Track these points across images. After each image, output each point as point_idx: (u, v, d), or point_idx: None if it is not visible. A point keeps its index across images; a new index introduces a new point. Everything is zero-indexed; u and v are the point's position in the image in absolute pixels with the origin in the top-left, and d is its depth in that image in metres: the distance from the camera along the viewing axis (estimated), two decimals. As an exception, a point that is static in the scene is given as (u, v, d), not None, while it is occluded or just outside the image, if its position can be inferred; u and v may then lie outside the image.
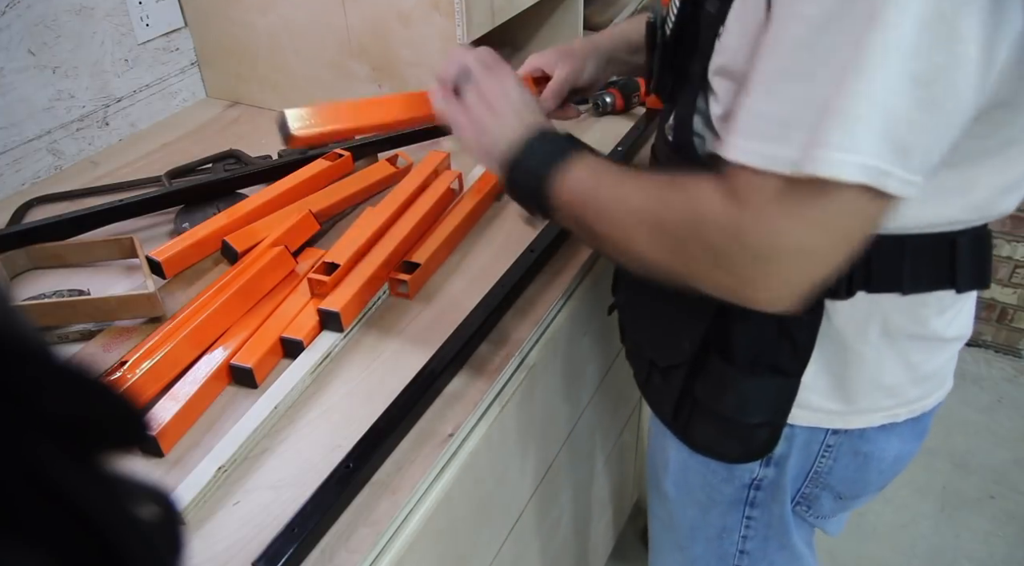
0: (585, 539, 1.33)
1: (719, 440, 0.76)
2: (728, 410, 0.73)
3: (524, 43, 1.53)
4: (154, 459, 0.72)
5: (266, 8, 1.21)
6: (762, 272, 0.54)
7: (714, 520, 0.90)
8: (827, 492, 0.84)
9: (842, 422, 0.76)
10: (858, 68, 0.48)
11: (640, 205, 0.61)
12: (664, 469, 0.92)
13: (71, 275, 0.95)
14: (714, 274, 0.57)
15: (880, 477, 0.83)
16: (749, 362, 0.70)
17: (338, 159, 1.08)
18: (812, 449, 0.79)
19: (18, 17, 1.06)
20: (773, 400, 0.72)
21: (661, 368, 0.79)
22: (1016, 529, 1.72)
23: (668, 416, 0.80)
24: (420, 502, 0.71)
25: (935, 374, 0.77)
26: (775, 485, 0.83)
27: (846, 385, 0.74)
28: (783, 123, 0.51)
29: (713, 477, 0.85)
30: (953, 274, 0.66)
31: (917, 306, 0.70)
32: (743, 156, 0.53)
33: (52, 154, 1.16)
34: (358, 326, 0.86)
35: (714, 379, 0.73)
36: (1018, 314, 2.13)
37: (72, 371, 0.26)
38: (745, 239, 0.54)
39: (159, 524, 0.29)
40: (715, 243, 0.55)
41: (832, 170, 0.49)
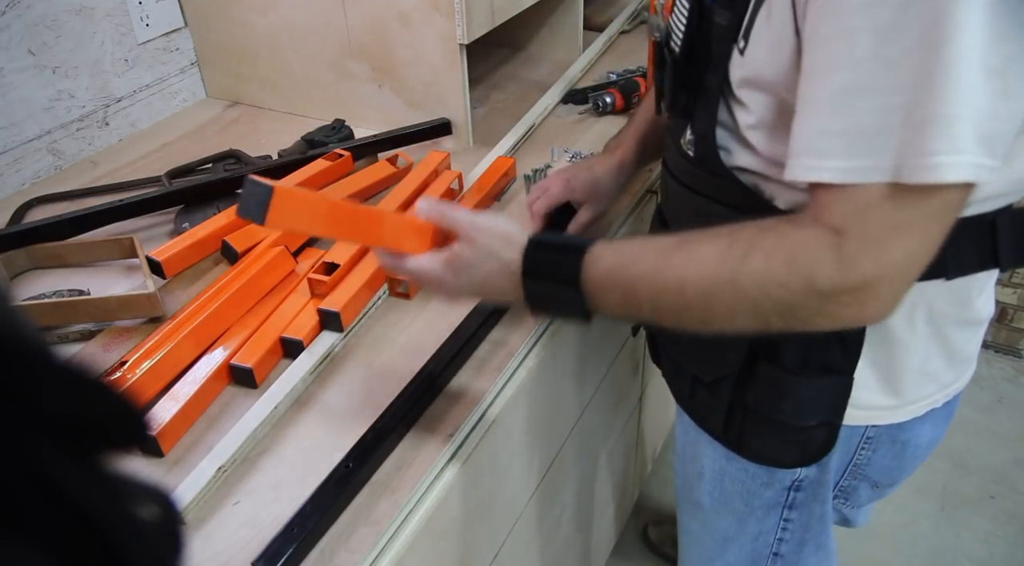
0: (586, 537, 1.33)
1: (777, 447, 0.76)
2: (785, 415, 0.72)
3: (524, 43, 1.54)
4: (154, 459, 0.72)
5: (266, 8, 1.21)
6: (874, 292, 0.54)
7: (751, 527, 0.89)
8: (865, 483, 0.84)
9: (892, 416, 0.76)
10: (942, 72, 0.49)
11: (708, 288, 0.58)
12: (699, 479, 0.90)
13: (71, 275, 0.95)
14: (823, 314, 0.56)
15: (914, 463, 0.84)
16: (800, 365, 0.70)
17: (338, 159, 1.08)
18: (852, 443, 0.79)
19: (18, 17, 1.06)
20: (829, 400, 0.72)
21: (707, 382, 0.78)
22: (1016, 529, 1.72)
23: (719, 429, 0.79)
24: (420, 502, 0.71)
25: (970, 356, 0.78)
26: (817, 483, 0.82)
27: (895, 378, 0.74)
28: (864, 136, 0.52)
29: (752, 482, 0.84)
30: (996, 253, 0.66)
31: (961, 290, 0.70)
32: (820, 175, 0.54)
33: (52, 154, 1.16)
34: (358, 326, 0.86)
35: (767, 386, 0.72)
36: (1018, 314, 2.13)
37: (72, 371, 0.26)
38: (857, 269, 0.53)
39: (159, 524, 0.29)
40: (830, 289, 0.54)
41: (942, 175, 0.50)
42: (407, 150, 1.15)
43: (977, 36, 0.48)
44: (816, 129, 0.54)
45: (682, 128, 0.74)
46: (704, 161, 0.70)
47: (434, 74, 1.15)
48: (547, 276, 0.64)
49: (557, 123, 1.28)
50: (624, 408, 1.33)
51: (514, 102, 1.34)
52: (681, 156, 0.75)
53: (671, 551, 1.56)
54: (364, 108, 1.24)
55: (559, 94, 1.33)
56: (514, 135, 1.20)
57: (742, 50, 0.62)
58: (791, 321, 0.57)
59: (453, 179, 1.04)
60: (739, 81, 0.64)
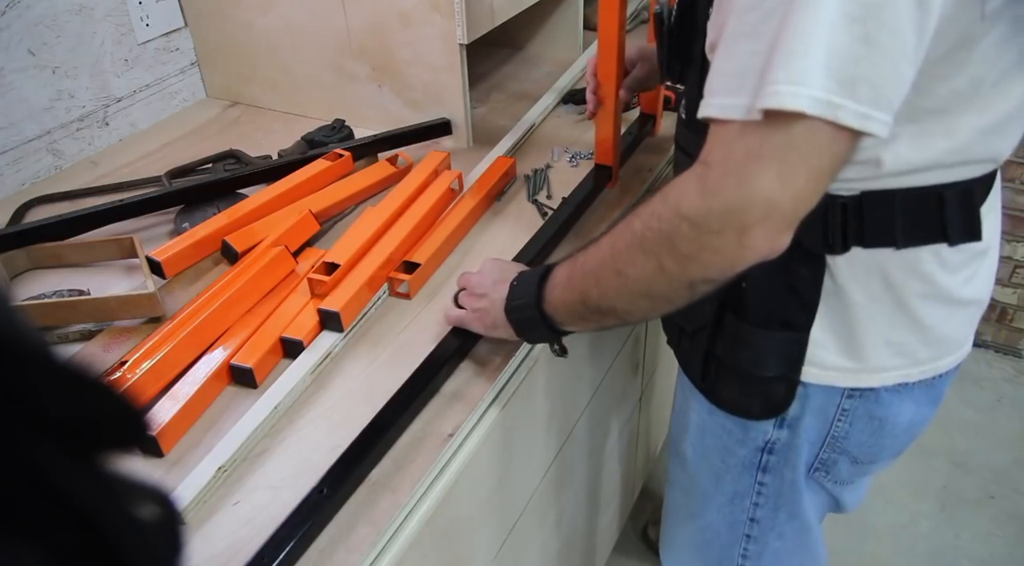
0: (586, 537, 1.33)
1: (742, 397, 0.81)
2: (745, 364, 0.78)
3: (524, 43, 1.54)
4: (154, 459, 0.72)
5: (266, 8, 1.21)
6: (748, 221, 0.57)
7: (727, 485, 0.93)
8: (844, 457, 0.86)
9: (855, 380, 0.78)
10: (794, 13, 0.53)
11: (605, 251, 0.67)
12: (684, 431, 0.96)
13: (71, 275, 0.95)
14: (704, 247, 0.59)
15: (895, 442, 0.85)
16: (762, 319, 0.75)
17: (338, 159, 1.08)
18: (828, 413, 0.82)
19: (18, 17, 1.06)
20: (785, 353, 0.76)
21: (689, 332, 0.84)
22: (1016, 529, 1.72)
23: (697, 377, 0.85)
24: (420, 502, 0.71)
25: (950, 337, 0.79)
26: (788, 448, 0.85)
27: (854, 341, 0.76)
28: (737, 75, 0.57)
29: (729, 439, 0.88)
30: (944, 227, 0.69)
31: (916, 262, 0.72)
32: (707, 110, 0.59)
33: (52, 154, 1.16)
34: (358, 326, 0.86)
35: (731, 337, 0.77)
36: (1018, 314, 2.13)
37: (72, 371, 0.26)
38: (719, 194, 0.57)
39: (159, 524, 0.29)
40: (696, 215, 0.58)
41: (781, 101, 0.53)
42: (407, 150, 1.15)
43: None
44: (714, 70, 0.60)
45: (680, 95, 0.82)
46: (692, 123, 0.75)
47: (434, 74, 1.15)
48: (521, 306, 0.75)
49: (557, 123, 1.28)
50: (624, 408, 1.33)
51: (514, 102, 1.34)
52: (680, 123, 0.82)
53: (671, 551, 1.56)
54: (364, 108, 1.24)
55: (559, 94, 1.33)
56: (514, 135, 1.20)
57: (710, 15, 0.67)
58: (680, 259, 0.61)
59: (453, 179, 1.04)
60: (709, 46, 0.68)
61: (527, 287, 0.75)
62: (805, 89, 0.53)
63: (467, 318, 0.82)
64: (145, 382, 0.75)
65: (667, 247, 0.61)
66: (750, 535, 0.97)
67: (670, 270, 0.62)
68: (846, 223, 0.69)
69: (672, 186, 0.61)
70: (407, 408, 0.74)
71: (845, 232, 0.70)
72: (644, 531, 1.68)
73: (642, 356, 1.34)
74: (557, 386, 0.97)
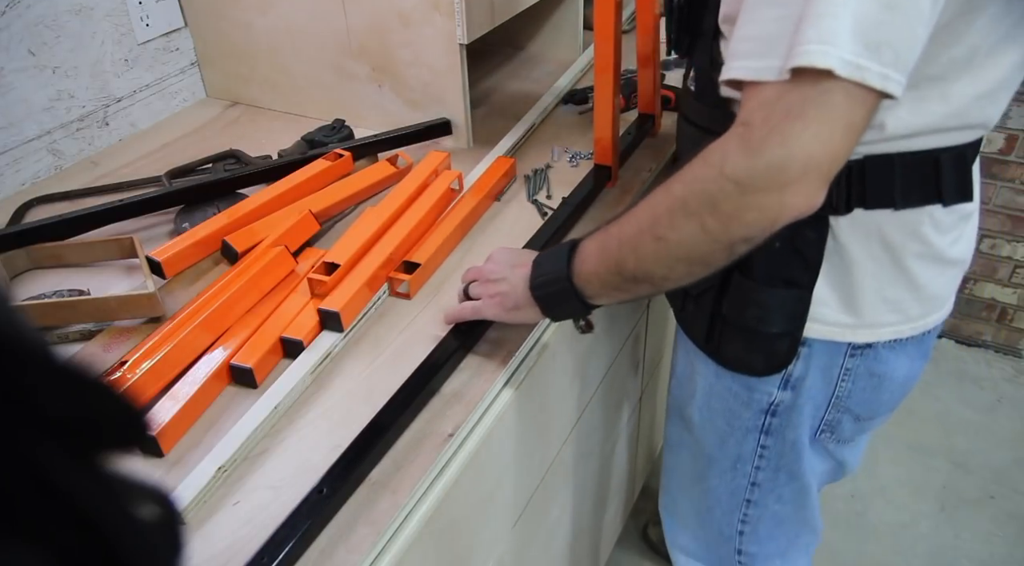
0: (586, 537, 1.33)
1: (746, 354, 0.85)
2: (751, 321, 0.82)
3: (524, 43, 1.54)
4: (154, 459, 0.72)
5: (266, 8, 1.21)
6: (790, 178, 0.59)
7: (731, 449, 0.97)
8: (847, 415, 0.90)
9: (852, 335, 0.83)
10: None
11: (643, 218, 0.68)
12: (691, 397, 1.00)
13: (71, 275, 0.95)
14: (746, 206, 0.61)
15: (892, 396, 0.90)
16: (767, 277, 0.79)
17: (338, 159, 1.08)
18: (832, 373, 0.86)
19: (18, 17, 1.06)
20: (789, 310, 0.80)
21: (694, 295, 0.87)
22: (1016, 529, 1.72)
23: (701, 339, 0.89)
24: (420, 502, 0.71)
25: (938, 295, 0.84)
26: (791, 409, 0.90)
27: (854, 298, 0.80)
28: (767, 40, 0.60)
29: (734, 401, 0.93)
30: (939, 189, 0.74)
31: (913, 223, 0.76)
32: (734, 73, 0.62)
33: (52, 154, 1.16)
34: (358, 326, 0.86)
35: (737, 295, 0.81)
36: (1018, 314, 2.13)
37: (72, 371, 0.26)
38: (763, 152, 0.59)
39: (159, 524, 0.29)
40: (741, 174, 0.60)
41: (812, 59, 0.56)
42: (407, 150, 1.15)
43: None
44: (738, 37, 0.63)
45: (688, 68, 0.84)
46: (702, 94, 0.79)
47: (434, 74, 1.15)
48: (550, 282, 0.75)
49: (557, 123, 1.28)
50: (624, 408, 1.33)
51: (514, 102, 1.34)
52: (687, 95, 0.85)
53: (671, 551, 1.56)
54: (364, 108, 1.24)
55: (559, 94, 1.33)
56: (514, 135, 1.20)
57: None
58: (723, 219, 0.62)
59: (453, 179, 1.04)
60: (722, 18, 0.73)
61: (555, 263, 0.75)
62: (835, 49, 0.55)
63: (483, 306, 0.81)
64: (145, 382, 0.75)
65: (710, 207, 0.62)
66: (750, 500, 1.02)
67: (713, 231, 0.63)
68: (850, 185, 0.73)
69: (712, 149, 0.62)
70: (407, 408, 0.74)
71: (849, 194, 0.74)
72: (644, 530, 1.68)
73: (642, 356, 1.34)
74: (557, 386, 0.97)
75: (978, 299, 2.15)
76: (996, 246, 2.04)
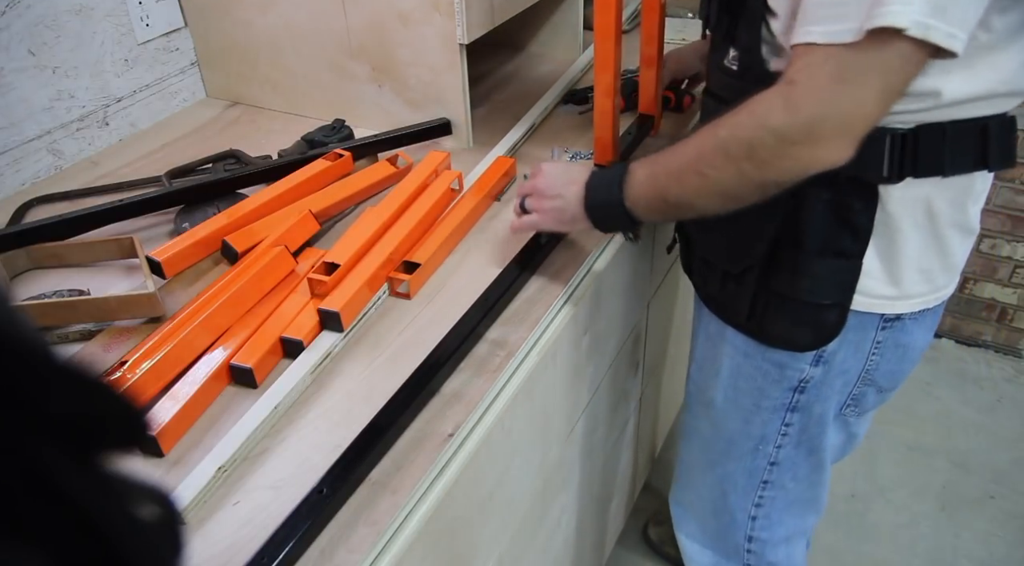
0: (586, 537, 1.33)
1: (792, 329, 0.88)
2: (803, 294, 0.84)
3: (524, 43, 1.54)
4: (154, 459, 0.72)
5: (266, 8, 1.21)
6: (825, 135, 0.65)
7: (755, 429, 1.00)
8: (872, 388, 0.94)
9: (891, 307, 0.85)
10: None
11: (692, 154, 0.74)
12: (715, 378, 1.02)
13: (71, 275, 0.95)
14: (784, 155, 0.68)
15: (910, 366, 0.94)
16: (818, 248, 0.81)
17: (338, 159, 1.08)
18: (865, 347, 0.89)
19: (18, 17, 1.06)
20: (841, 280, 0.83)
21: (735, 275, 0.90)
22: (1016, 529, 1.72)
23: (743, 317, 0.91)
24: (420, 502, 0.71)
25: (958, 264, 0.87)
26: (821, 384, 0.92)
27: (898, 269, 0.83)
28: (840, 4, 0.64)
29: (764, 380, 0.95)
30: (985, 155, 0.76)
31: (958, 191, 0.79)
32: (809, 37, 0.66)
33: (52, 154, 1.16)
34: (358, 326, 0.86)
35: (789, 268, 0.84)
36: (1018, 314, 2.13)
37: (72, 371, 0.26)
38: (803, 110, 0.65)
39: (159, 524, 0.29)
40: (780, 127, 0.67)
41: (895, 19, 0.61)
42: (407, 150, 1.15)
43: None
44: (811, 3, 0.66)
45: (724, 50, 0.85)
46: (746, 72, 0.82)
47: (434, 74, 1.15)
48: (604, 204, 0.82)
49: (557, 123, 1.28)
50: (624, 408, 1.33)
51: (514, 102, 1.34)
52: (724, 74, 0.86)
53: (672, 550, 1.56)
54: (364, 108, 1.24)
55: (559, 94, 1.33)
56: (514, 135, 1.20)
57: None
58: (759, 164, 0.69)
59: (453, 179, 1.04)
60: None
61: (609, 186, 0.82)
62: (910, 8, 0.60)
63: (541, 220, 0.89)
64: (145, 382, 0.75)
65: (748, 153, 0.69)
66: (767, 481, 1.04)
67: (748, 173, 0.70)
68: (904, 155, 0.75)
69: (757, 101, 0.69)
70: (407, 408, 0.74)
71: (902, 163, 0.76)
72: (645, 530, 1.68)
73: (642, 356, 1.34)
74: (557, 386, 0.97)
75: (978, 299, 2.15)
76: (996, 246, 2.04)
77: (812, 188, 0.77)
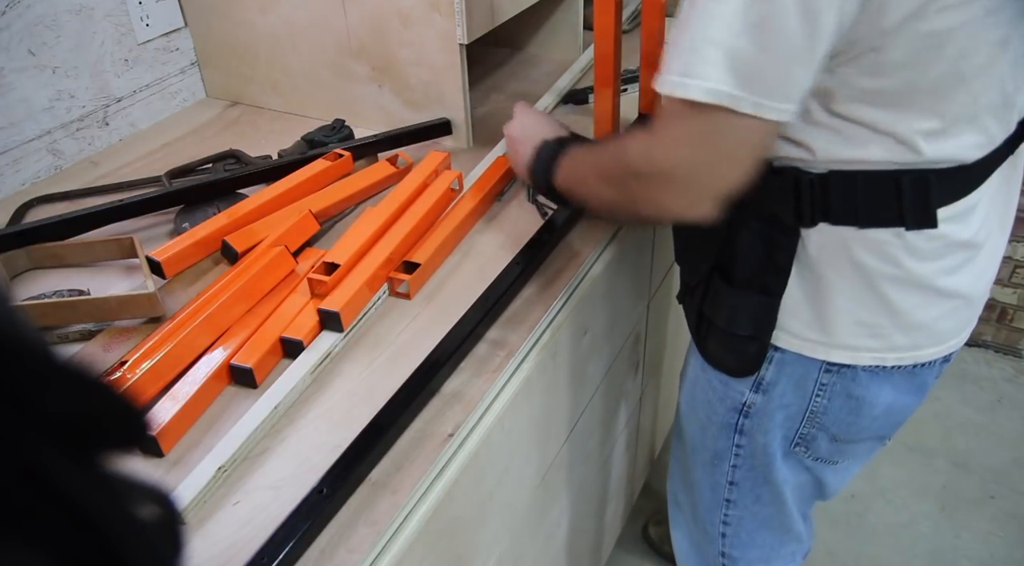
0: (586, 537, 1.33)
1: (722, 353, 0.89)
2: (722, 323, 0.85)
3: (524, 43, 1.53)
4: (154, 459, 0.72)
5: (266, 8, 1.21)
6: (674, 185, 0.67)
7: (709, 442, 1.00)
8: (823, 433, 0.90)
9: (825, 353, 0.82)
10: (698, 16, 0.61)
11: (592, 164, 0.79)
12: (683, 383, 1.05)
13: (71, 275, 0.95)
14: (643, 196, 0.70)
15: (873, 423, 0.88)
16: (742, 280, 0.81)
17: (338, 159, 1.08)
18: (807, 386, 0.86)
19: (18, 17, 1.06)
20: (757, 315, 0.82)
21: (690, 287, 0.90)
22: (1016, 529, 1.72)
23: (693, 330, 0.93)
24: (420, 502, 0.71)
25: (930, 326, 0.80)
26: (762, 413, 0.91)
27: (824, 315, 0.80)
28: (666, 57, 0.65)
29: (713, 395, 0.95)
30: (901, 211, 0.72)
31: (880, 243, 0.75)
32: (657, 85, 0.66)
33: (52, 154, 1.16)
34: (358, 326, 0.86)
35: (714, 296, 0.85)
36: (1018, 314, 2.13)
37: (72, 371, 0.26)
38: (652, 161, 0.68)
39: (159, 524, 0.29)
40: (637, 171, 0.69)
41: (671, 89, 0.62)
42: (407, 150, 1.15)
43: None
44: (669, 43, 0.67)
45: None
46: None
47: (434, 74, 1.15)
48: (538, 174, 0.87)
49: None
50: (624, 408, 1.33)
51: (514, 102, 1.33)
52: None
53: (671, 550, 1.56)
54: (364, 108, 1.24)
55: (559, 94, 1.33)
56: (514, 135, 1.20)
57: None
58: (629, 198, 0.72)
59: (453, 179, 1.04)
60: None
61: (545, 164, 0.86)
62: (705, 82, 0.60)
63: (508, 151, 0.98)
64: (145, 382, 0.75)
65: (620, 186, 0.73)
66: (729, 499, 1.03)
67: (622, 203, 0.74)
68: (814, 198, 0.74)
69: (629, 138, 0.72)
70: (407, 408, 0.74)
71: (813, 206, 0.75)
72: (645, 530, 1.68)
73: (642, 356, 1.34)
74: (557, 386, 0.97)
75: (978, 299, 2.14)
76: (996, 246, 2.04)
77: (749, 217, 0.77)
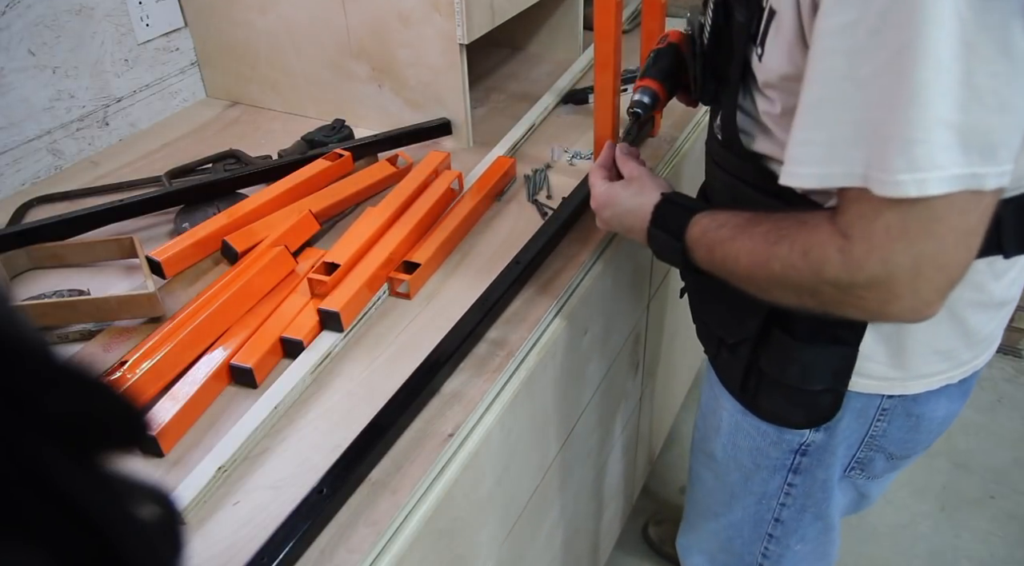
0: (588, 536, 1.33)
1: (785, 408, 0.82)
2: (792, 380, 0.78)
3: (524, 43, 1.54)
4: (154, 459, 0.72)
5: (266, 8, 1.21)
6: (897, 289, 0.57)
7: (755, 486, 0.95)
8: (880, 454, 0.87)
9: (901, 388, 0.80)
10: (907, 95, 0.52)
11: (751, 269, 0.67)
12: (716, 432, 0.97)
13: (71, 275, 0.95)
14: (847, 304, 0.61)
15: (929, 436, 0.87)
16: (810, 335, 0.75)
17: (338, 159, 1.08)
18: (868, 414, 0.83)
19: (18, 17, 1.06)
20: (833, 368, 0.77)
21: (729, 344, 0.84)
22: (1016, 529, 1.72)
23: (736, 388, 0.87)
24: (420, 502, 0.71)
25: (989, 337, 0.80)
26: (823, 449, 0.87)
27: (904, 352, 0.77)
28: (837, 146, 0.57)
29: (763, 440, 0.89)
30: (1000, 240, 0.69)
31: (973, 274, 0.71)
32: (799, 181, 0.60)
33: (52, 154, 1.16)
34: (358, 326, 0.86)
35: (778, 352, 0.78)
36: (1018, 314, 2.13)
37: (72, 371, 0.26)
38: (864, 269, 0.57)
39: (159, 524, 0.29)
40: (840, 282, 0.59)
41: (904, 190, 0.53)
42: (407, 150, 1.15)
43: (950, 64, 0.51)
44: (798, 140, 0.60)
45: (714, 114, 0.80)
46: (729, 144, 0.76)
47: (434, 74, 1.15)
48: (663, 227, 0.77)
49: (557, 123, 1.28)
50: (624, 408, 1.33)
51: (514, 102, 1.34)
52: (714, 139, 0.81)
53: (671, 550, 1.56)
54: (364, 108, 1.24)
55: (559, 94, 1.33)
56: (514, 135, 1.20)
57: (760, 56, 0.67)
58: (822, 301, 0.62)
59: (453, 179, 1.04)
60: (762, 83, 0.69)
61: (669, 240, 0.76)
62: (930, 173, 0.52)
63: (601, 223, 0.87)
64: (145, 382, 0.75)
65: (809, 294, 0.63)
66: (772, 535, 0.99)
67: (811, 305, 0.64)
68: None
69: (810, 243, 0.61)
70: (407, 408, 0.74)
71: None
72: (645, 530, 1.68)
73: (642, 356, 1.34)
74: (557, 386, 0.97)
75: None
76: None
77: None
